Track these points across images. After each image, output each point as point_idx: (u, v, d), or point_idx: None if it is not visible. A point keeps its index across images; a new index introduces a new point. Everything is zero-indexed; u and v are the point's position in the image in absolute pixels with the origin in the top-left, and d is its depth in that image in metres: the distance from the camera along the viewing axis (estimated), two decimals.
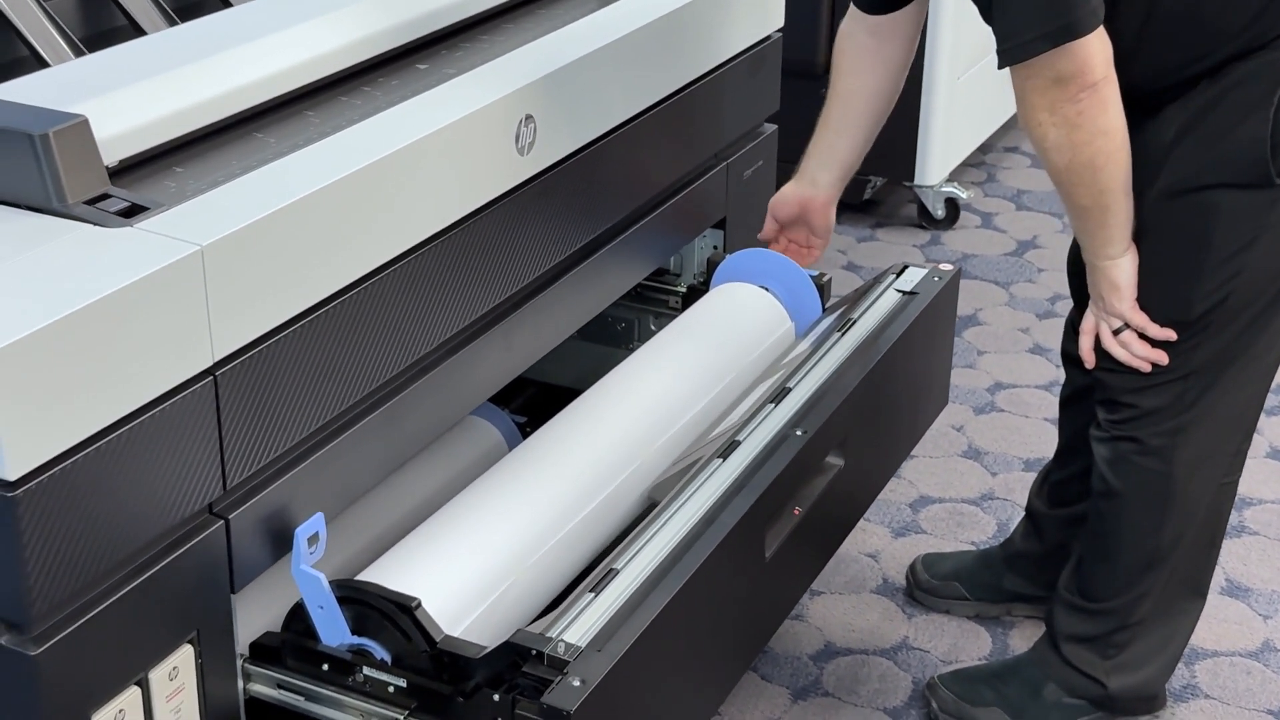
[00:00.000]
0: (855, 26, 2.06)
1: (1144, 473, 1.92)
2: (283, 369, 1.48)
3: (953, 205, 3.68)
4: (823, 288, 2.24)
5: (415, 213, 1.62)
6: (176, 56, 1.63)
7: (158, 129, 1.53)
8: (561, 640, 1.45)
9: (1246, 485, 2.68)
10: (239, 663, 1.53)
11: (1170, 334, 1.83)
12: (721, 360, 2.07)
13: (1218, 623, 2.34)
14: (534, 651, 1.44)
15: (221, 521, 1.45)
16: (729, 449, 1.79)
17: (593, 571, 1.59)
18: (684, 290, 2.35)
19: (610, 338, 2.39)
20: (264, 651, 1.56)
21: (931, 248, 3.62)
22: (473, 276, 1.75)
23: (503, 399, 2.34)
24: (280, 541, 1.53)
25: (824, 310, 2.23)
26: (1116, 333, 1.86)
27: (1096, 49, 1.66)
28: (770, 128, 2.43)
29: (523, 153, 1.78)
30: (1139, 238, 1.82)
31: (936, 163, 3.60)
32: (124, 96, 1.53)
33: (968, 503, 2.64)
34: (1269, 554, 2.51)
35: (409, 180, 1.60)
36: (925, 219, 3.69)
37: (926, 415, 2.22)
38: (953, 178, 3.71)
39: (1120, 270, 1.82)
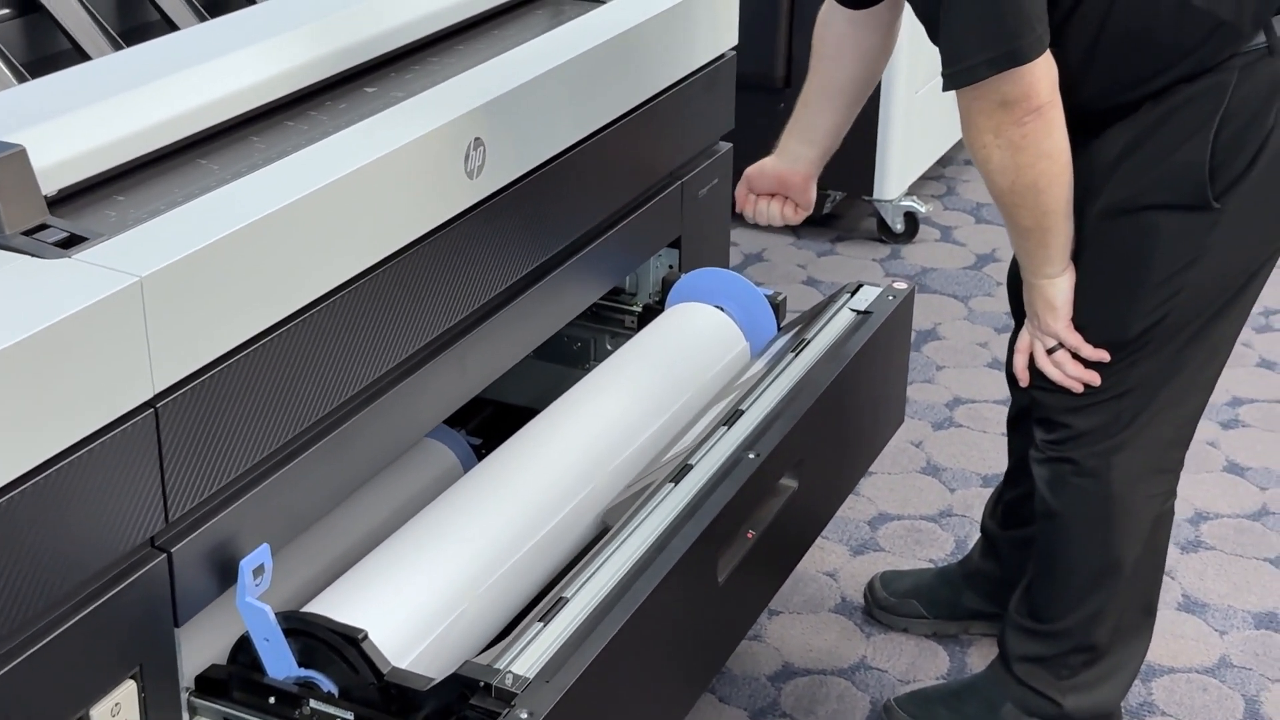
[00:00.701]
0: (833, 15, 2.04)
1: (1082, 493, 1.93)
2: (226, 399, 1.46)
3: (911, 219, 3.68)
4: (778, 306, 2.24)
5: (361, 239, 1.61)
6: (120, 82, 1.61)
7: (98, 157, 1.51)
8: (510, 672, 1.44)
9: (1203, 499, 2.69)
10: (184, 696, 1.51)
11: (1104, 355, 1.83)
12: (676, 381, 2.07)
13: (1174, 639, 2.34)
14: (482, 683, 1.43)
15: (164, 555, 1.43)
16: (681, 473, 1.78)
17: (544, 599, 1.58)
18: (639, 310, 2.34)
19: (566, 357, 2.39)
20: (210, 685, 1.54)
21: (891, 261, 3.62)
22: (423, 301, 1.73)
23: (459, 419, 2.32)
24: (226, 573, 1.51)
25: (779, 329, 2.23)
26: (1051, 352, 1.86)
27: (1043, 73, 1.66)
28: (725, 146, 2.43)
29: (472, 176, 1.77)
30: (1078, 257, 1.82)
31: (895, 177, 3.60)
32: (64, 124, 1.51)
33: (926, 519, 2.64)
34: (1225, 569, 2.52)
35: (354, 206, 1.58)
36: (885, 233, 3.70)
37: (883, 434, 2.22)
38: (912, 191, 3.71)
39: (1057, 289, 1.82)
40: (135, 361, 1.35)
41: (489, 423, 2.34)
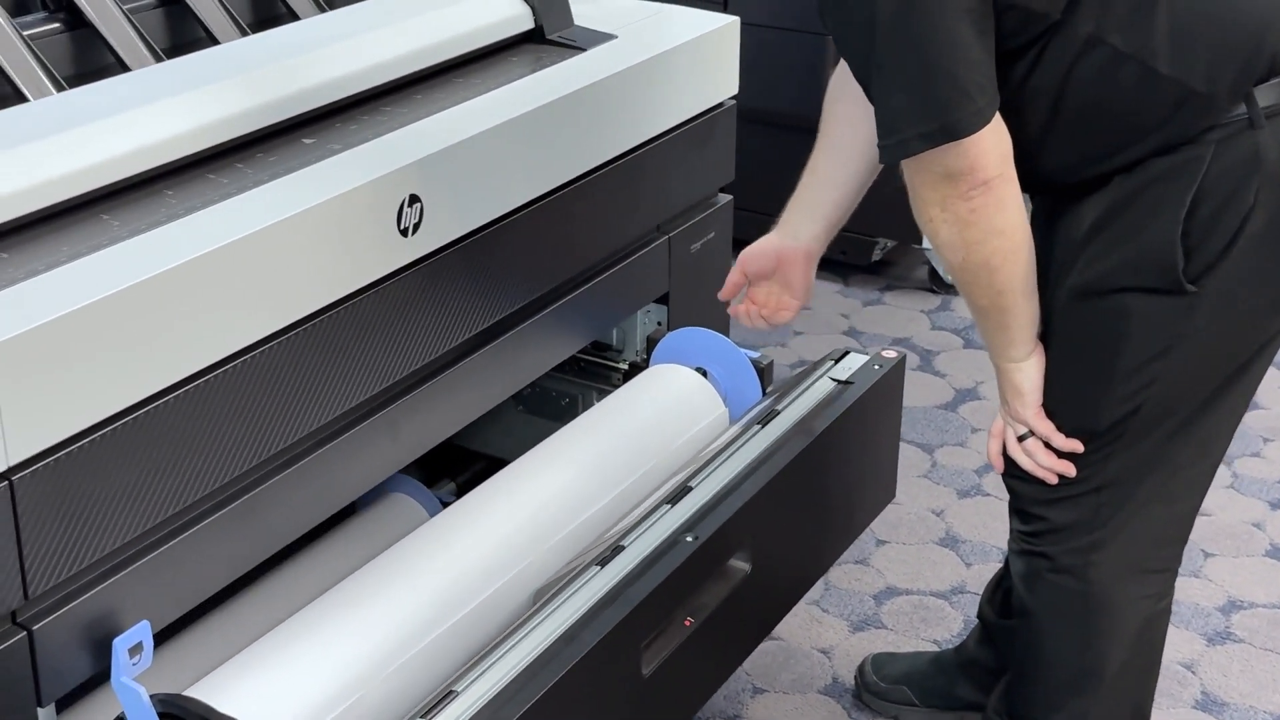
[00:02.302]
0: (846, 73, 1.87)
1: (1058, 591, 1.78)
2: (101, 472, 1.39)
3: None
4: (763, 371, 2.13)
5: (268, 300, 1.53)
6: (27, 131, 1.55)
7: None
8: None
9: (1238, 586, 2.51)
10: None
11: (1077, 445, 1.69)
12: (640, 449, 1.96)
13: None
14: None
15: (25, 632, 1.37)
16: (611, 555, 1.67)
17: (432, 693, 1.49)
18: (625, 367, 2.25)
19: (554, 412, 2.30)
20: None
21: (940, 313, 3.47)
22: (349, 362, 1.65)
23: (447, 472, 2.25)
24: (101, 651, 1.44)
25: (764, 394, 2.11)
26: (1022, 439, 1.73)
27: (989, 146, 1.52)
28: (725, 198, 2.32)
29: (407, 234, 1.69)
30: (1047, 339, 1.69)
31: None
32: None
33: (936, 596, 2.50)
34: (1252, 665, 2.33)
35: (259, 266, 1.51)
36: (936, 283, 3.55)
37: (865, 512, 2.09)
38: None
39: (1024, 374, 1.69)
40: None
41: (478, 478, 2.27)
